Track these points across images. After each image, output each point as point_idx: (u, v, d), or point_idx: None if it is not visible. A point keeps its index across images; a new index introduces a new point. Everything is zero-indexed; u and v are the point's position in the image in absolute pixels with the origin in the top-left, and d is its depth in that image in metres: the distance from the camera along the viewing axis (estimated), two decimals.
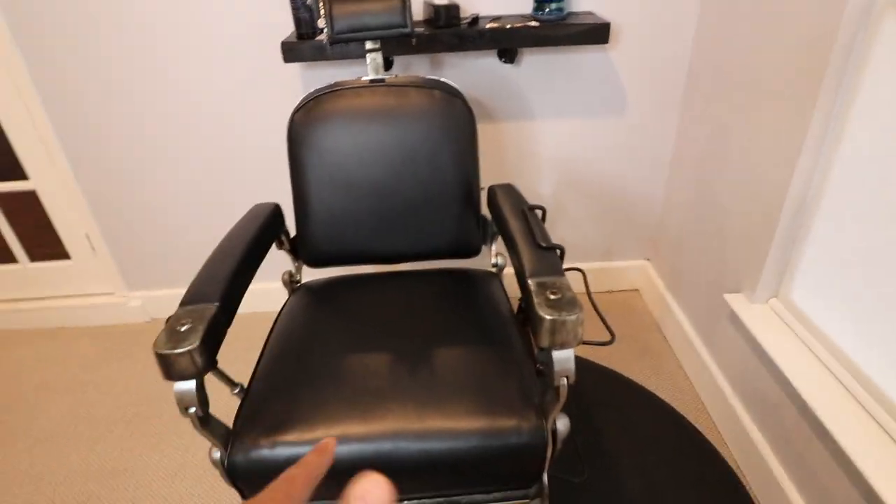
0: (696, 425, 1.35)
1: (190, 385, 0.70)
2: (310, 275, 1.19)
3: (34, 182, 1.68)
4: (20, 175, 1.66)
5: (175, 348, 0.67)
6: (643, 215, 1.74)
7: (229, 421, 0.82)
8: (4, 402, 1.60)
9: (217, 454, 0.77)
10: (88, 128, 1.56)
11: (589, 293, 0.90)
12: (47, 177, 1.66)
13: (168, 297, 1.89)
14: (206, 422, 0.74)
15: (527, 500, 0.84)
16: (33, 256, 1.87)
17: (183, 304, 0.75)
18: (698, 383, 1.46)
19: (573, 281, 0.73)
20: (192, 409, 0.71)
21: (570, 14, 1.37)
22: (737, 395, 1.28)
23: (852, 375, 0.96)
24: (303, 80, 1.48)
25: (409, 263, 1.15)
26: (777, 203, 1.08)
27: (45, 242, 1.88)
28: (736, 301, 1.22)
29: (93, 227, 1.75)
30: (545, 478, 0.82)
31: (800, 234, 1.08)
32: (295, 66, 1.46)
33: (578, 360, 1.58)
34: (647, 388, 1.47)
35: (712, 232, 1.36)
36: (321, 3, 1.31)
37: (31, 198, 1.72)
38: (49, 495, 1.31)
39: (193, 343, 0.68)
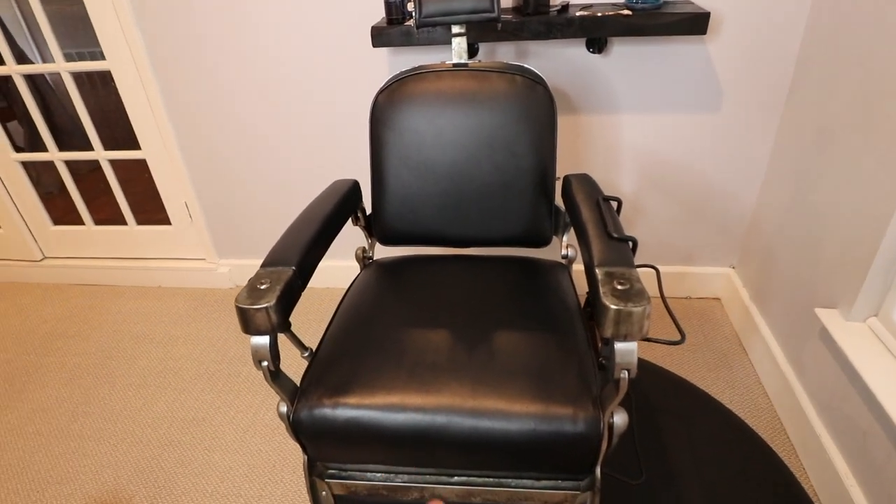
0: (772, 446, 1.27)
1: (264, 340, 0.75)
2: (381, 252, 1.23)
3: (145, 152, 1.84)
4: (135, 145, 1.84)
5: (254, 304, 0.72)
6: (731, 220, 1.64)
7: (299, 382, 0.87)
8: (107, 348, 1.79)
9: (284, 408, 0.82)
10: (193, 105, 1.69)
11: (661, 291, 0.86)
12: (156, 148, 1.82)
13: (252, 267, 2.02)
14: (276, 376, 0.79)
15: (577, 493, 0.82)
16: (140, 220, 2.06)
17: (264, 265, 0.80)
18: (778, 402, 1.36)
19: (646, 281, 0.70)
20: (265, 363, 0.76)
21: (667, 3, 1.31)
22: (822, 418, 1.18)
23: None
24: (390, 64, 1.52)
25: (478, 249, 1.16)
26: (885, 215, 0.98)
27: (150, 209, 2.07)
28: (829, 317, 1.13)
29: (192, 196, 1.89)
30: (598, 472, 0.80)
31: None
32: (383, 51, 1.51)
33: (648, 363, 1.53)
34: (719, 400, 1.39)
35: (808, 242, 1.26)
36: None
37: (141, 166, 1.89)
38: (137, 435, 1.44)
39: (270, 301, 0.72)
